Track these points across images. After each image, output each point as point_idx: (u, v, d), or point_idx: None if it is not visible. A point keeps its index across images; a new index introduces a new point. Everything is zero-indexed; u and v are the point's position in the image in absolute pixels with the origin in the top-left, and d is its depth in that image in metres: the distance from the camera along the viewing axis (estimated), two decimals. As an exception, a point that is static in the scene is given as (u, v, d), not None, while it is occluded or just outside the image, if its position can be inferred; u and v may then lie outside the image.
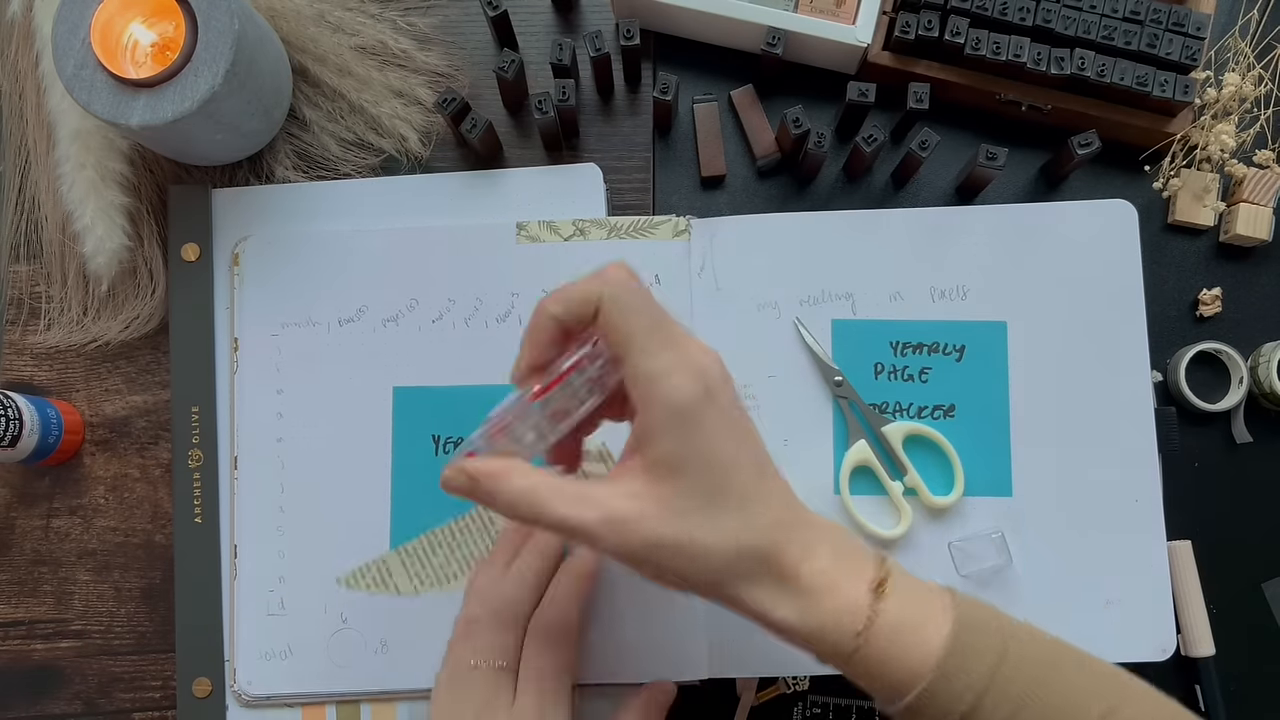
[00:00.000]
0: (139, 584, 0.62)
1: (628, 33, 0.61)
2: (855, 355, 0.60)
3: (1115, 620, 0.57)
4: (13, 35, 0.65)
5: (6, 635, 0.62)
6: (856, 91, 0.61)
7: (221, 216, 0.63)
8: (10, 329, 0.64)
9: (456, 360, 0.61)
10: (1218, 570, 0.61)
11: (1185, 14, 0.61)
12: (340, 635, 0.59)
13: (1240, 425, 0.63)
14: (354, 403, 0.61)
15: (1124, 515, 0.58)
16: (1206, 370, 0.63)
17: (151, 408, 0.63)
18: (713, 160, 0.65)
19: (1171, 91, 0.61)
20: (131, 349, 0.64)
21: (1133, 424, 0.59)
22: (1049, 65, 0.61)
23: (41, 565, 0.62)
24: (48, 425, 0.60)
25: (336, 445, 0.60)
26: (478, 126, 0.60)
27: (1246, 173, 0.63)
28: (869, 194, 0.65)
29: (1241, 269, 0.64)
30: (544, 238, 0.61)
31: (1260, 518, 0.62)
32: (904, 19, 0.61)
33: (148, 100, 0.55)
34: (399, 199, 0.63)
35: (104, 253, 0.61)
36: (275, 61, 0.60)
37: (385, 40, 0.64)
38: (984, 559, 0.57)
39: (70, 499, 0.62)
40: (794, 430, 0.59)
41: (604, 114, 0.65)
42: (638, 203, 0.64)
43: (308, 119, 0.64)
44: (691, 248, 0.61)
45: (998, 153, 0.60)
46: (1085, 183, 0.65)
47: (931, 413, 0.60)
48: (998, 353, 0.60)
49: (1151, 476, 0.58)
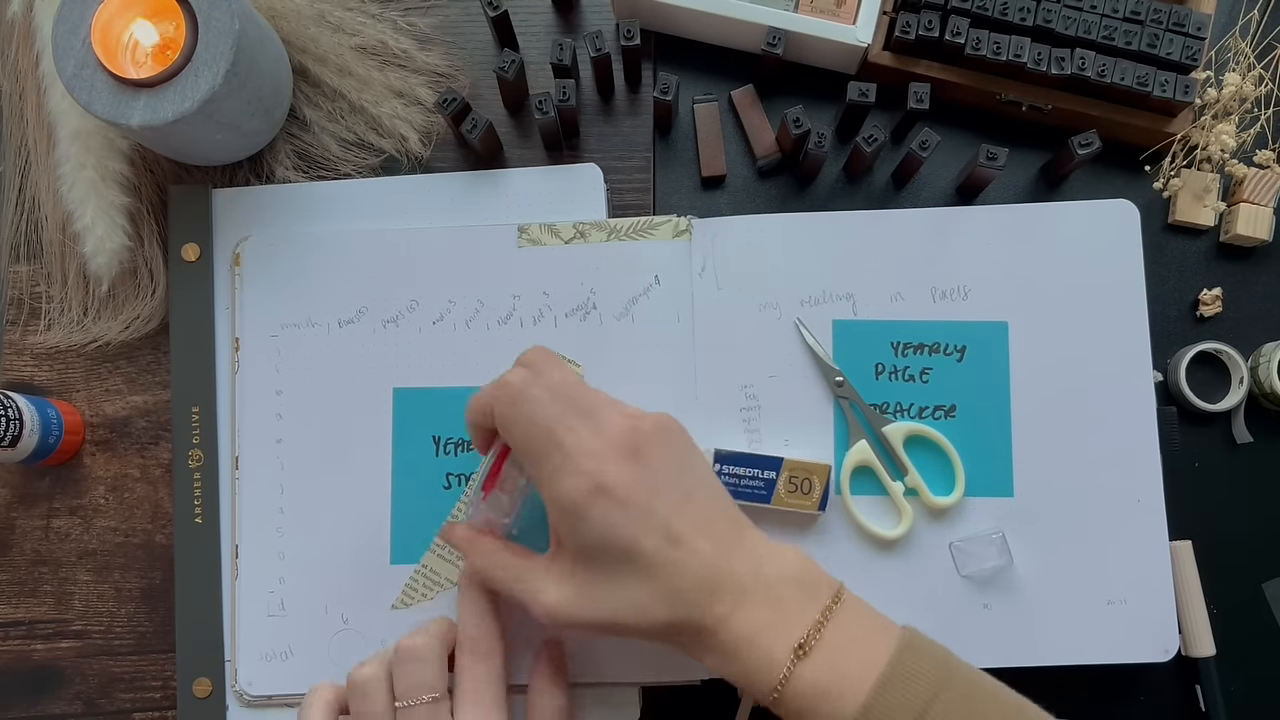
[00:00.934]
0: (139, 584, 0.62)
1: (628, 33, 0.61)
2: (856, 355, 0.60)
3: (1117, 621, 0.57)
4: (13, 35, 0.65)
5: (7, 635, 0.62)
6: (857, 91, 0.61)
7: (222, 216, 0.63)
8: (10, 329, 0.64)
9: (457, 362, 0.61)
10: (1218, 570, 0.61)
11: (1185, 14, 0.61)
12: (341, 636, 0.59)
13: (1241, 425, 0.63)
14: (354, 404, 0.61)
15: (1126, 515, 0.58)
16: (1207, 370, 0.63)
17: (152, 408, 0.63)
18: (713, 160, 0.65)
19: (1172, 91, 0.61)
20: (132, 349, 0.64)
21: (1135, 424, 0.59)
22: (1049, 65, 0.61)
23: (42, 565, 0.62)
24: (48, 425, 0.60)
25: (336, 446, 0.60)
26: (478, 127, 0.60)
27: (1247, 173, 0.64)
28: (869, 194, 0.65)
29: (1242, 269, 0.64)
30: (545, 240, 0.61)
31: (1260, 518, 0.62)
32: (904, 19, 0.61)
33: (148, 100, 0.55)
34: (399, 199, 0.63)
35: (104, 253, 0.61)
36: (276, 61, 0.60)
37: (386, 40, 0.64)
38: (985, 559, 0.57)
39: (70, 499, 0.62)
40: (795, 431, 0.59)
41: (604, 114, 0.65)
42: (638, 203, 0.64)
43: (308, 119, 0.64)
44: (692, 248, 0.61)
45: (998, 153, 0.60)
46: (1085, 183, 0.65)
47: (932, 413, 0.60)
48: (999, 353, 0.60)
49: (1154, 476, 0.58)
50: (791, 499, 0.57)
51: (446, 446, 0.60)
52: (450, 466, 0.60)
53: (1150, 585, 0.58)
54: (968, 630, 0.57)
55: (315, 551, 0.60)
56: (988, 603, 0.58)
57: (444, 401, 0.60)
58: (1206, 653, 0.60)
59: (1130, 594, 0.58)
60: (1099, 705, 0.61)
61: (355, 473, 0.60)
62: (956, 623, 0.57)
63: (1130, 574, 0.58)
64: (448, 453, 0.60)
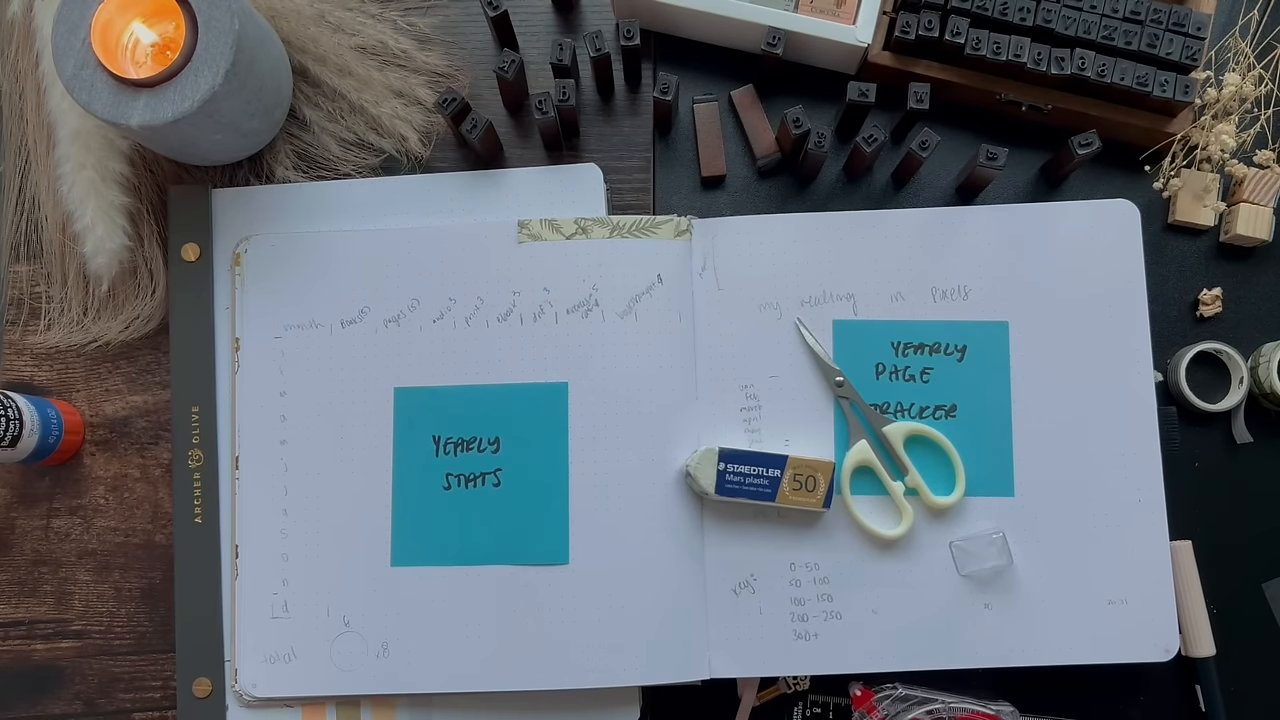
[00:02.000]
0: (139, 584, 0.62)
1: (628, 33, 0.61)
2: (857, 355, 0.60)
3: (1118, 620, 0.57)
4: (13, 35, 0.65)
5: (7, 635, 0.61)
6: (857, 91, 0.61)
7: (222, 216, 0.63)
8: (10, 329, 0.64)
9: (457, 360, 0.61)
10: (1218, 570, 0.61)
11: (1185, 14, 0.61)
12: (343, 639, 0.59)
13: (1241, 425, 0.63)
14: (356, 405, 0.61)
15: (1127, 515, 0.58)
16: (1207, 370, 0.63)
17: (152, 408, 0.63)
18: (713, 160, 0.65)
19: (1172, 91, 0.61)
20: (132, 349, 0.63)
21: (1135, 423, 0.59)
22: (1049, 65, 0.61)
23: (42, 565, 0.62)
24: (48, 425, 0.60)
25: (339, 448, 0.60)
26: (478, 126, 0.60)
27: (1247, 173, 0.64)
28: (869, 194, 0.65)
29: (1241, 269, 0.64)
30: (546, 236, 0.61)
31: (1260, 518, 0.62)
32: (904, 19, 0.61)
33: (148, 100, 0.55)
34: (399, 199, 0.63)
35: (104, 253, 0.61)
36: (275, 61, 0.60)
37: (385, 40, 0.64)
38: (985, 559, 0.57)
39: (70, 499, 0.62)
40: (795, 430, 0.59)
41: (604, 114, 0.65)
42: (638, 202, 0.64)
43: (308, 119, 0.64)
44: (693, 248, 0.61)
45: (998, 153, 0.60)
46: (1085, 183, 0.65)
47: (933, 413, 0.60)
48: (999, 353, 0.60)
49: (1154, 476, 0.58)
50: (796, 496, 0.57)
51: (446, 446, 0.60)
52: (450, 467, 0.60)
53: (1151, 585, 0.58)
54: (968, 630, 0.57)
55: (318, 553, 0.60)
56: (988, 602, 0.58)
57: (444, 401, 0.60)
58: (1206, 653, 0.60)
59: (1131, 594, 0.58)
60: (1099, 705, 0.61)
61: (357, 474, 0.60)
62: (957, 622, 0.57)
63: (1131, 574, 0.58)
64: (447, 452, 0.60)
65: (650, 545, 0.58)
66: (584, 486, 0.59)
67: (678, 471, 0.59)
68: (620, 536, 0.58)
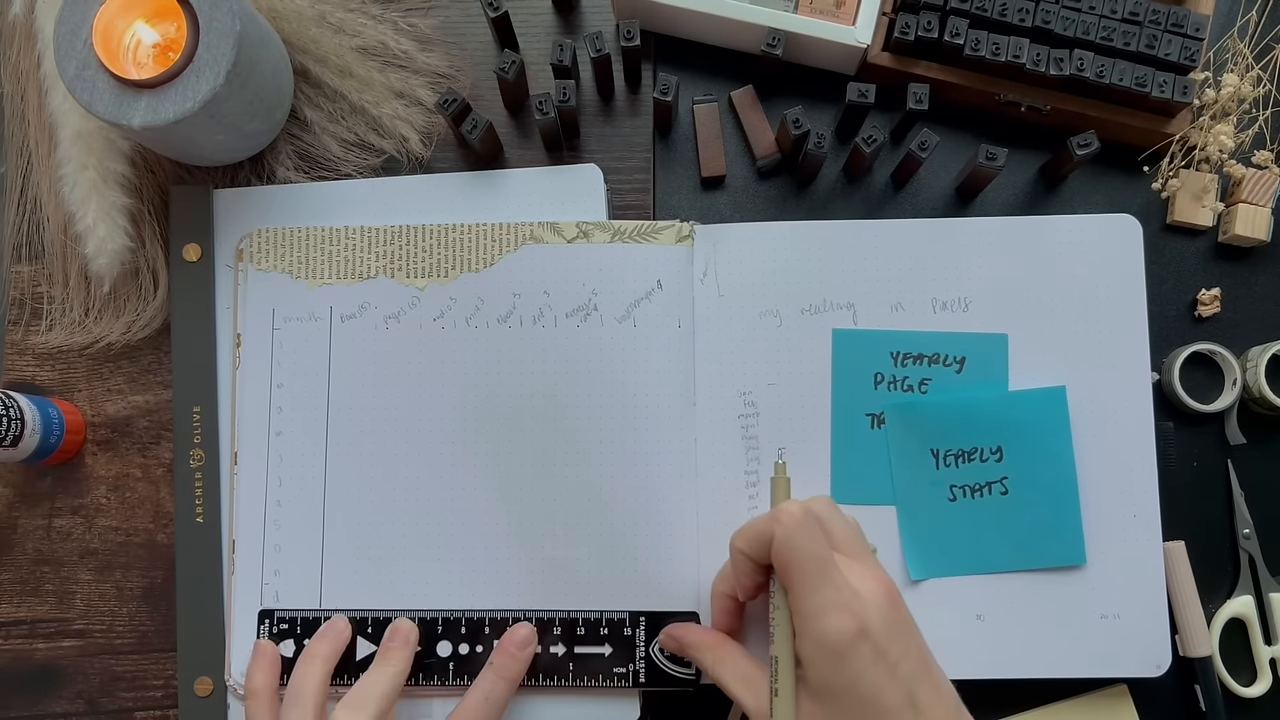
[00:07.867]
0: (141, 583, 0.62)
1: (628, 33, 0.61)
2: (855, 365, 0.60)
3: (1110, 635, 0.57)
4: (14, 36, 0.65)
5: (8, 635, 0.62)
6: (856, 92, 0.61)
7: (223, 217, 0.63)
8: (12, 329, 0.64)
9: (457, 360, 0.61)
10: (1212, 571, 0.61)
11: (1184, 15, 0.61)
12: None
13: (1234, 426, 0.63)
14: (353, 400, 0.61)
15: (1122, 530, 0.58)
16: (1202, 370, 0.63)
17: (153, 407, 0.63)
18: (713, 161, 0.65)
19: (1170, 92, 0.61)
20: (133, 349, 0.64)
21: (1133, 439, 0.59)
22: (1048, 66, 0.61)
23: (43, 565, 0.62)
24: (49, 425, 0.60)
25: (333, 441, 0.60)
26: (478, 127, 0.61)
27: (1245, 173, 0.64)
28: (869, 194, 0.65)
29: (1240, 269, 0.65)
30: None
31: (1256, 519, 0.62)
32: (904, 20, 0.61)
33: (149, 101, 0.55)
34: (400, 200, 0.63)
35: (106, 254, 0.61)
36: (277, 62, 0.60)
37: (386, 41, 0.64)
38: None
39: (72, 499, 0.63)
40: (792, 437, 0.59)
41: (604, 115, 0.66)
42: (638, 203, 0.65)
43: (309, 120, 0.64)
44: (695, 253, 0.61)
45: (997, 153, 0.60)
46: (1084, 183, 0.65)
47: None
48: (998, 365, 0.60)
49: (1150, 492, 0.58)
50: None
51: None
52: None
53: (1144, 600, 0.58)
54: (961, 641, 0.57)
55: (309, 545, 0.60)
56: (981, 614, 0.58)
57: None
58: (1204, 652, 0.60)
59: (1124, 608, 0.58)
60: (1097, 704, 0.61)
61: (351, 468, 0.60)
62: (949, 633, 0.57)
63: (1124, 588, 0.58)
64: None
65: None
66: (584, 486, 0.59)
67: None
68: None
